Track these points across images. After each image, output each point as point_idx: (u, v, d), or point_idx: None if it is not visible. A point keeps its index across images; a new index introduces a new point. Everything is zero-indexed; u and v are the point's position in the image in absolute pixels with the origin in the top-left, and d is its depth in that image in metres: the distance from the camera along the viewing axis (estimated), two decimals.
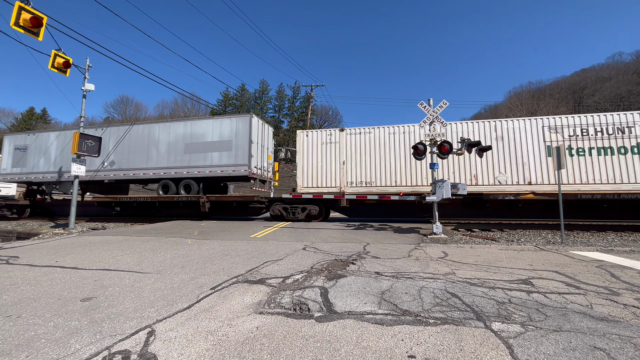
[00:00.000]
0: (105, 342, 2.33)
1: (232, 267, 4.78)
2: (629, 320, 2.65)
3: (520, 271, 4.43)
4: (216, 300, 3.27)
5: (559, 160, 7.83)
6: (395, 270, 4.51)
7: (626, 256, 5.49)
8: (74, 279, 4.18)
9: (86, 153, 11.64)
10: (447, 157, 9.02)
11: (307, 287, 3.69)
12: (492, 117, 58.26)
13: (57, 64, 10.04)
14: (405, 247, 6.56)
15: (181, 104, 60.77)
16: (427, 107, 8.92)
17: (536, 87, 62.61)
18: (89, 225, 13.27)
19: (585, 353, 2.11)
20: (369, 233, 8.81)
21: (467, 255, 5.62)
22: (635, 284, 3.73)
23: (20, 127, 57.92)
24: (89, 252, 6.19)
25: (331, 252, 5.97)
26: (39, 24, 8.34)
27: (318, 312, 2.91)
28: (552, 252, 5.92)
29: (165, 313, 2.91)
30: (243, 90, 57.88)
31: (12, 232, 12.93)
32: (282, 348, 2.22)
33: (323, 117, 60.21)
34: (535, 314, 2.79)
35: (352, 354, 2.13)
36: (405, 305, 3.06)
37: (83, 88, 11.72)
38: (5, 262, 5.22)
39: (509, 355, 2.09)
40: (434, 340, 2.32)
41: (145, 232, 9.45)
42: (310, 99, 34.60)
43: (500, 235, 9.44)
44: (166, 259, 5.46)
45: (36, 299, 3.35)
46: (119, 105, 64.16)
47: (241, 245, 6.88)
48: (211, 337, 2.40)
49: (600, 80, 57.41)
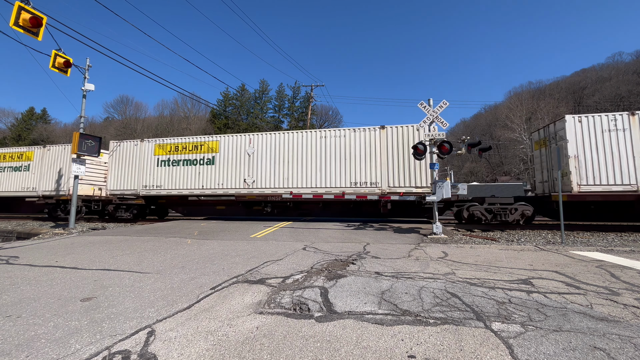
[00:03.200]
0: (105, 342, 2.33)
1: (232, 267, 4.78)
2: (629, 320, 2.65)
3: (520, 271, 4.43)
4: (216, 300, 3.27)
5: (559, 160, 7.84)
6: (395, 270, 4.51)
7: (626, 256, 5.49)
8: (74, 279, 4.18)
9: (86, 153, 11.65)
10: (446, 157, 9.02)
11: (307, 287, 3.69)
12: (492, 116, 58.37)
13: (58, 63, 10.04)
14: (405, 247, 6.56)
15: (181, 104, 60.71)
16: (427, 107, 8.91)
17: (536, 87, 62.64)
18: (89, 225, 13.27)
19: (585, 353, 2.11)
20: (369, 233, 8.81)
21: (467, 255, 5.62)
22: (635, 284, 3.73)
23: (20, 127, 57.94)
24: (89, 252, 6.19)
25: (331, 252, 5.97)
26: (38, 24, 8.34)
27: (318, 312, 2.91)
28: (552, 252, 5.92)
29: (165, 313, 2.91)
30: (243, 90, 57.84)
31: (12, 232, 12.93)
32: (282, 348, 2.22)
33: (323, 117, 60.20)
34: (535, 314, 2.79)
35: (352, 354, 2.13)
36: (405, 305, 3.06)
37: (83, 88, 11.72)
38: (5, 262, 5.22)
39: (509, 355, 2.09)
40: (434, 340, 2.32)
41: (145, 232, 9.46)
42: (310, 99, 34.59)
43: (500, 235, 9.44)
44: (166, 259, 5.46)
45: (36, 299, 3.35)
46: (119, 105, 64.07)
47: (241, 245, 6.88)
48: (211, 337, 2.40)
49: (600, 80, 57.40)
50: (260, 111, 58.32)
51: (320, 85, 33.84)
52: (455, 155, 10.85)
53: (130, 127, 56.59)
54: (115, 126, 58.18)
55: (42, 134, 56.31)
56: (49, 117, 63.68)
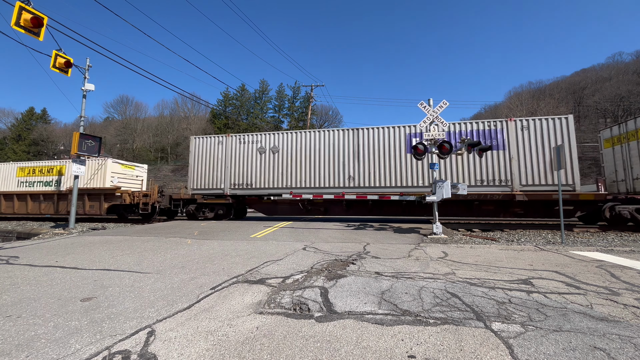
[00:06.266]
0: (105, 342, 2.33)
1: (232, 267, 4.78)
2: (629, 320, 2.65)
3: (520, 271, 4.43)
4: (216, 300, 3.27)
5: (559, 160, 7.84)
6: (395, 270, 4.51)
7: (626, 256, 5.48)
8: (74, 279, 4.18)
9: (86, 153, 11.65)
10: (447, 157, 9.02)
11: (307, 287, 3.69)
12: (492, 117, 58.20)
13: (59, 64, 10.06)
14: (405, 247, 6.56)
15: (181, 104, 60.77)
16: (427, 107, 8.91)
17: (536, 87, 62.67)
18: (89, 225, 13.27)
19: (585, 353, 2.11)
20: (369, 233, 8.81)
21: (467, 255, 5.62)
22: (635, 284, 3.73)
23: (20, 127, 57.91)
24: (89, 252, 6.19)
25: (331, 252, 5.97)
26: (39, 24, 8.35)
27: (318, 312, 2.91)
28: (552, 252, 5.91)
29: (165, 313, 2.91)
30: (243, 90, 57.82)
31: (12, 232, 12.95)
32: (282, 348, 2.22)
33: (323, 117, 60.23)
34: (535, 314, 2.79)
35: (352, 354, 2.13)
36: (405, 305, 3.06)
37: (83, 88, 11.73)
38: (6, 262, 5.22)
39: (509, 355, 2.09)
40: (434, 340, 2.32)
41: (145, 232, 9.46)
42: (310, 99, 34.57)
43: (500, 235, 9.44)
44: (166, 259, 5.46)
45: (36, 299, 3.35)
46: (119, 105, 64.11)
47: (241, 245, 6.88)
48: (211, 337, 2.40)
49: (600, 80, 57.42)
50: (260, 111, 58.34)
51: (320, 85, 33.87)
52: (456, 155, 10.83)
53: (130, 127, 56.56)
54: (115, 126, 58.20)
55: (42, 134, 56.29)
56: (49, 117, 63.71)
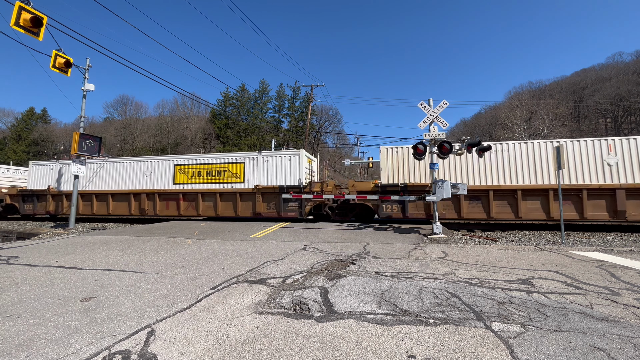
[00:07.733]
0: (105, 342, 2.33)
1: (232, 267, 4.78)
2: (629, 320, 2.65)
3: (520, 271, 4.43)
4: (216, 300, 3.27)
5: (559, 160, 7.83)
6: (395, 270, 4.51)
7: (626, 256, 5.49)
8: (74, 279, 4.18)
9: (86, 153, 11.65)
10: (447, 157, 9.01)
11: (307, 287, 3.69)
12: (492, 116, 58.16)
13: (59, 64, 10.04)
14: (405, 247, 6.56)
15: (181, 104, 60.73)
16: (427, 107, 8.91)
17: (536, 87, 62.73)
18: (89, 225, 13.28)
19: (585, 353, 2.11)
20: (369, 233, 8.80)
21: (467, 255, 5.62)
22: (635, 284, 3.73)
23: (20, 127, 57.88)
24: (89, 252, 6.19)
25: (331, 252, 5.97)
26: (39, 24, 8.34)
27: (318, 312, 2.91)
28: (552, 252, 5.91)
29: (165, 313, 2.91)
30: (243, 90, 57.79)
31: (12, 232, 12.93)
32: (282, 348, 2.22)
33: (323, 117, 60.17)
34: (535, 314, 2.79)
35: (352, 354, 2.13)
36: (405, 305, 3.06)
37: (83, 88, 11.72)
38: (6, 262, 5.22)
39: (509, 355, 2.09)
40: (434, 340, 2.32)
41: (145, 232, 9.45)
42: (310, 99, 34.54)
43: (500, 235, 9.44)
44: (166, 259, 5.46)
45: (36, 299, 3.35)
46: (119, 105, 64.05)
47: (241, 245, 6.88)
48: (211, 337, 2.40)
49: (600, 80, 57.44)
50: (260, 111, 58.30)
51: (320, 85, 33.81)
52: (456, 155, 10.83)
53: (130, 127, 56.51)
54: (115, 126, 58.14)
55: (42, 134, 56.24)
56: (49, 117, 63.64)
